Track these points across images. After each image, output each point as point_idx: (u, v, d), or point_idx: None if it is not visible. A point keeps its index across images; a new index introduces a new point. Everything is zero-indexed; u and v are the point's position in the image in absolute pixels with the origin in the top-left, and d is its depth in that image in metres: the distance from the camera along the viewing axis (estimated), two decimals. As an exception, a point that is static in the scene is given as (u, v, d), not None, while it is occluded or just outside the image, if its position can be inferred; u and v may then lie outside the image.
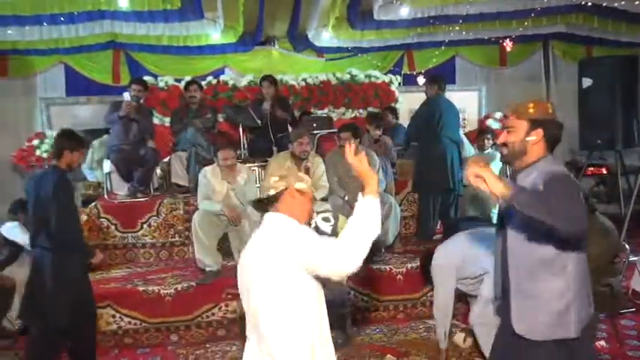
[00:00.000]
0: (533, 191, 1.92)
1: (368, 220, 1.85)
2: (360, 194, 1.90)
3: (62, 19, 5.85)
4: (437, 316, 3.61)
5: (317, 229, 3.09)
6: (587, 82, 6.05)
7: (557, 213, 1.79)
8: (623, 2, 6.36)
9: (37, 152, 5.93)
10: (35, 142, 5.99)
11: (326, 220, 3.24)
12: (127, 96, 5.30)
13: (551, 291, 2.02)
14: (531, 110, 2.06)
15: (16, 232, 4.44)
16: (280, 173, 2.12)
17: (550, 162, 2.06)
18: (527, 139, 2.04)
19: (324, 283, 1.99)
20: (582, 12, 7.01)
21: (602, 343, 3.74)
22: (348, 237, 1.85)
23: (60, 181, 3.23)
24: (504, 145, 2.12)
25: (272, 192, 2.05)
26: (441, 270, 3.52)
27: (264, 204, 2.11)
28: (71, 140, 3.34)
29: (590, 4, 6.41)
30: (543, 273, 2.03)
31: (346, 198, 4.70)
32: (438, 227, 5.42)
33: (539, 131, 2.04)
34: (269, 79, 5.91)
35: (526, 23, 7.07)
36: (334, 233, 3.05)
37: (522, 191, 1.86)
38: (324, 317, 2.02)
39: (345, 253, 1.83)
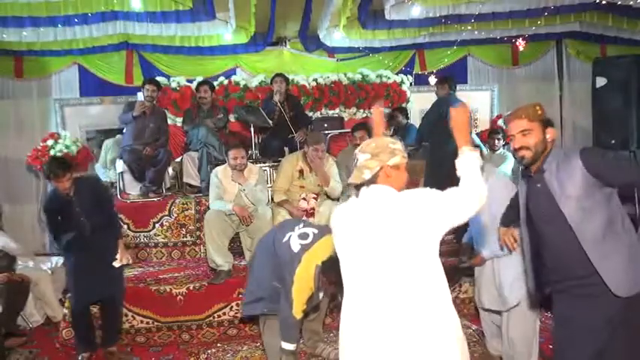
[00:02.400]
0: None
1: (473, 169, 1.88)
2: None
3: (76, 20, 5.91)
4: None
5: (288, 246, 3.06)
6: (601, 81, 5.99)
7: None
8: (638, 0, 6.27)
9: (51, 152, 5.98)
10: (49, 142, 6.04)
11: (303, 237, 3.11)
12: (140, 96, 5.33)
13: (626, 244, 2.19)
14: (540, 112, 2.25)
15: None
16: (372, 150, 2.01)
17: (559, 150, 2.29)
18: (547, 136, 2.23)
19: None
20: (596, 10, 6.93)
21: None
22: (467, 183, 1.89)
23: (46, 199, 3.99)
24: (521, 149, 2.24)
25: (367, 174, 1.99)
26: None
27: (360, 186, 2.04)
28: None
29: (604, 2, 6.33)
30: (611, 233, 2.17)
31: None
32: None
33: (551, 129, 2.25)
34: (281, 75, 5.97)
35: (539, 22, 7.00)
36: (302, 251, 2.99)
37: None
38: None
39: (470, 194, 1.86)
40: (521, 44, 7.18)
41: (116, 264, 3.86)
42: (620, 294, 2.13)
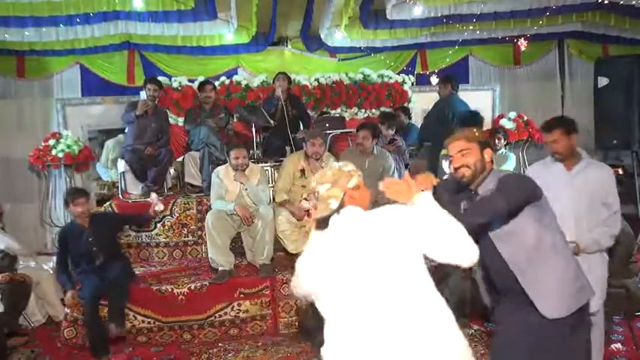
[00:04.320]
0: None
1: (435, 213, 1.80)
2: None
3: (78, 19, 5.91)
4: None
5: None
6: (603, 81, 5.99)
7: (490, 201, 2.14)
8: (640, 0, 6.25)
9: (53, 152, 5.99)
10: (51, 142, 6.06)
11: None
12: (143, 95, 5.34)
13: (556, 266, 2.19)
14: (477, 134, 2.37)
15: None
16: (330, 179, 1.95)
17: (497, 172, 2.35)
18: (485, 156, 2.31)
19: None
20: (599, 10, 6.92)
21: (619, 345, 3.69)
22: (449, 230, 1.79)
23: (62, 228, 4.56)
24: (461, 167, 2.31)
25: (334, 203, 1.92)
26: None
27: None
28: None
29: (606, 1, 6.32)
30: (539, 256, 2.19)
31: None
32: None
33: (489, 150, 2.34)
34: (284, 73, 5.95)
35: (541, 22, 6.98)
36: None
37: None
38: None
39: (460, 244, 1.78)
40: (523, 44, 7.16)
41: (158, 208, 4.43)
42: (549, 316, 2.14)
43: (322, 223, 1.97)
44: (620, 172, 6.62)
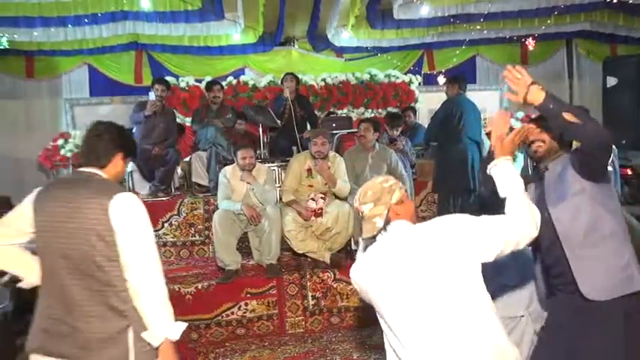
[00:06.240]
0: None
1: (511, 183, 1.92)
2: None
3: (86, 20, 5.96)
4: None
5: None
6: (611, 81, 5.96)
7: (587, 120, 2.08)
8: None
9: (62, 152, 6.04)
10: (60, 141, 6.10)
11: None
12: (152, 95, 5.38)
13: (608, 250, 2.14)
14: None
15: None
16: (372, 198, 1.93)
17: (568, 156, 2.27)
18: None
19: None
20: (607, 9, 6.88)
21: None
22: (516, 209, 1.87)
23: None
24: (536, 141, 2.31)
25: (380, 221, 1.89)
26: None
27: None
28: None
29: (615, 1, 6.28)
30: (594, 237, 2.15)
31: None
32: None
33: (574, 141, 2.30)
34: (292, 74, 5.94)
35: (549, 21, 6.96)
36: None
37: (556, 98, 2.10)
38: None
39: (520, 224, 1.84)
40: (530, 44, 7.14)
41: None
42: (589, 297, 2.11)
43: (369, 243, 1.95)
44: (630, 172, 6.59)
